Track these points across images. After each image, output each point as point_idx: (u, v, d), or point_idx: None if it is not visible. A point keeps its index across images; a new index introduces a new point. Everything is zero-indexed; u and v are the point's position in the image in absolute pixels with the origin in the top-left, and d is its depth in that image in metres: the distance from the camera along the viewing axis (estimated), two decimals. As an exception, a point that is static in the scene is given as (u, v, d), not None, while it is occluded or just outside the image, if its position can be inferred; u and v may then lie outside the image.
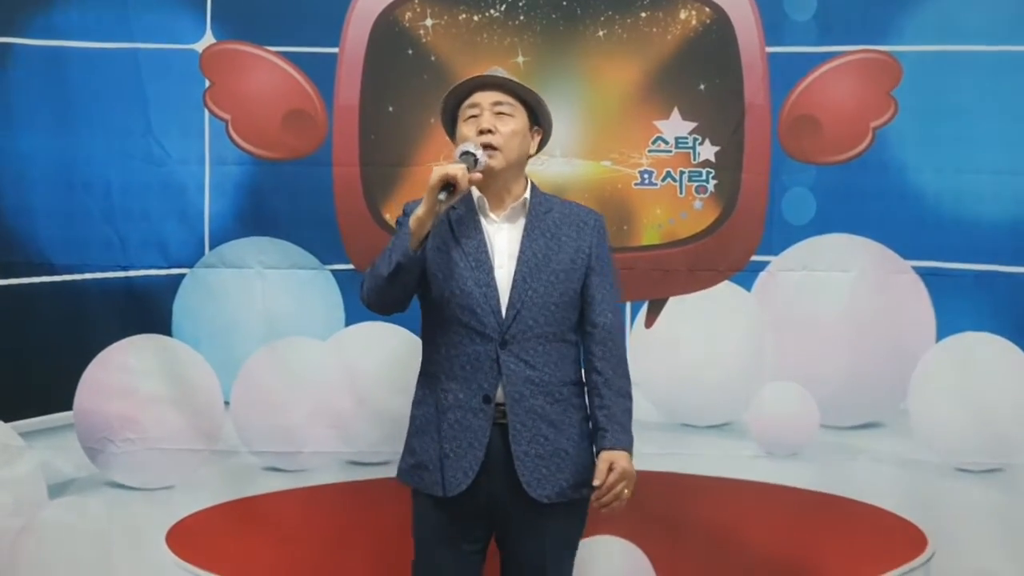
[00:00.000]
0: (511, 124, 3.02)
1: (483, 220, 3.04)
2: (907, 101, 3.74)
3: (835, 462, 3.76)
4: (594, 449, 3.00)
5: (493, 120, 3.00)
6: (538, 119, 3.11)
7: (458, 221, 3.02)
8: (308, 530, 3.75)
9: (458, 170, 2.86)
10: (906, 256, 3.75)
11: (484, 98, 3.03)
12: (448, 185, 2.86)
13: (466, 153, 2.93)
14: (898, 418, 3.77)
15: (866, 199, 3.74)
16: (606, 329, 3.04)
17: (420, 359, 3.08)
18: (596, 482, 2.89)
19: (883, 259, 3.75)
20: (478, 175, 2.93)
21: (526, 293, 2.97)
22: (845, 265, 3.75)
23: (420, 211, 2.88)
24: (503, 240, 3.02)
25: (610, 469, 2.90)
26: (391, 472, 3.13)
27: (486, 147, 2.97)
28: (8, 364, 3.76)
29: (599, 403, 3.00)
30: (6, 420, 3.76)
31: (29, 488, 3.75)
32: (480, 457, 2.92)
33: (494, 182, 3.03)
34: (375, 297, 2.99)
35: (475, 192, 3.05)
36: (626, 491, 2.93)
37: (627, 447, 2.97)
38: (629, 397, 3.05)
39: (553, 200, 3.13)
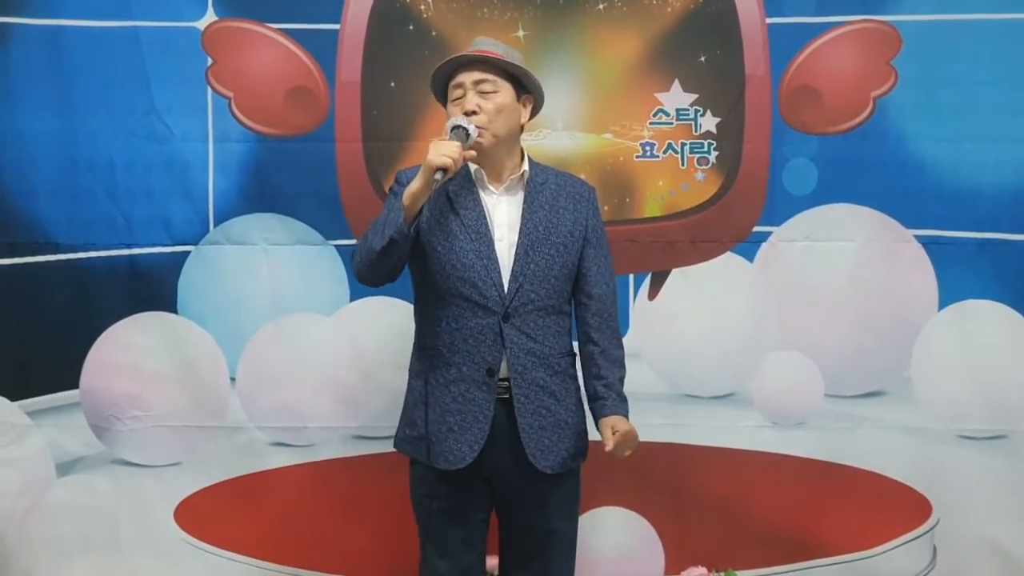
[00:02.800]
0: (495, 100, 3.00)
1: (481, 192, 3.04)
2: (907, 70, 3.75)
3: (839, 431, 3.78)
4: (593, 417, 3.04)
5: (477, 99, 2.99)
6: (526, 88, 3.10)
7: (456, 193, 3.02)
8: (315, 504, 3.78)
9: (454, 154, 2.85)
10: (908, 225, 3.76)
11: (466, 77, 3.02)
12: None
13: (457, 127, 2.93)
14: (901, 387, 3.79)
15: (867, 169, 3.75)
16: (601, 300, 3.06)
17: (415, 325, 3.08)
18: (608, 448, 2.91)
19: (885, 228, 3.76)
20: (472, 152, 2.93)
21: (528, 266, 2.97)
22: (847, 235, 3.76)
23: (415, 187, 2.88)
24: (502, 212, 3.03)
25: (613, 432, 2.93)
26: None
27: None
28: (14, 343, 3.78)
29: (596, 372, 3.04)
30: (13, 399, 3.78)
31: (37, 467, 3.77)
32: (486, 430, 2.94)
33: (488, 157, 3.03)
34: (367, 271, 2.98)
35: (472, 165, 3.04)
36: (627, 451, 2.95)
37: (624, 414, 3.00)
38: (622, 365, 3.08)
39: (548, 171, 3.13)
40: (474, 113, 2.97)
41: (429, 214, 2.98)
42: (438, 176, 2.85)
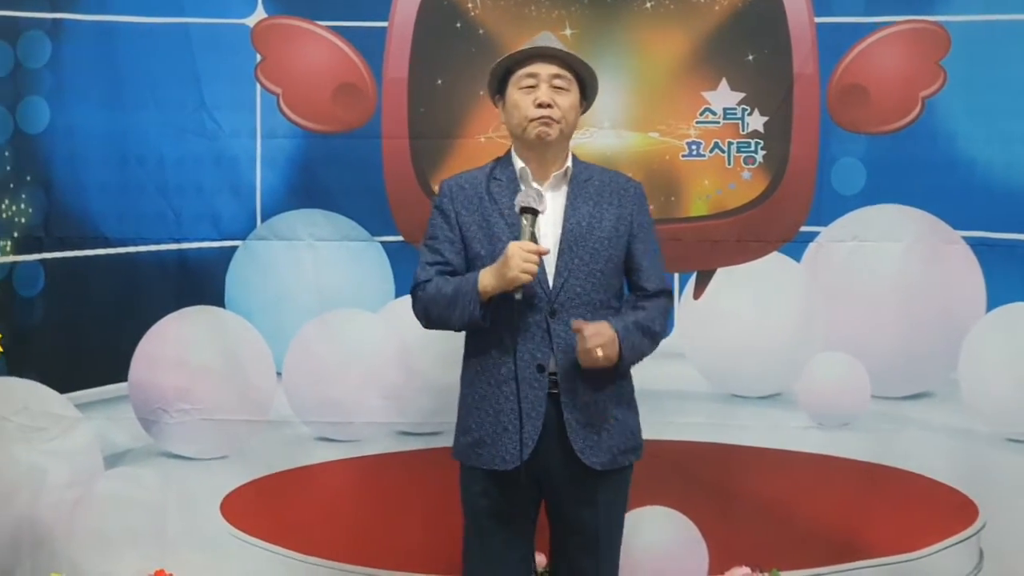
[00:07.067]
0: (568, 98, 3.02)
1: (526, 189, 3.02)
2: (956, 71, 3.73)
3: (886, 432, 3.76)
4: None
5: (551, 93, 3.00)
6: (586, 93, 3.11)
7: (499, 193, 3.02)
8: (359, 499, 3.80)
9: (533, 269, 2.84)
10: (956, 226, 3.74)
11: (543, 69, 3.02)
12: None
13: (527, 209, 2.90)
14: (949, 388, 3.76)
15: (916, 169, 3.73)
16: (655, 292, 3.06)
17: (465, 332, 3.07)
18: (574, 326, 2.89)
19: (933, 229, 3.74)
20: (546, 249, 2.91)
21: (572, 261, 2.97)
22: (895, 235, 3.75)
23: (490, 287, 2.89)
24: (547, 209, 3.03)
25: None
26: (441, 442, 3.16)
27: (543, 120, 2.97)
28: (64, 336, 3.82)
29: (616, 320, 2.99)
30: (62, 392, 3.81)
31: (85, 459, 3.81)
32: (539, 427, 2.93)
33: (543, 154, 3.04)
34: (434, 327, 3.05)
35: (518, 163, 3.05)
36: (599, 351, 2.87)
37: (619, 332, 2.92)
38: (652, 338, 3.02)
39: (593, 168, 3.13)
40: (549, 106, 2.98)
41: (472, 218, 3.01)
42: (518, 296, 2.87)
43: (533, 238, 2.88)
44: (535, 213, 2.89)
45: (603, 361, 2.88)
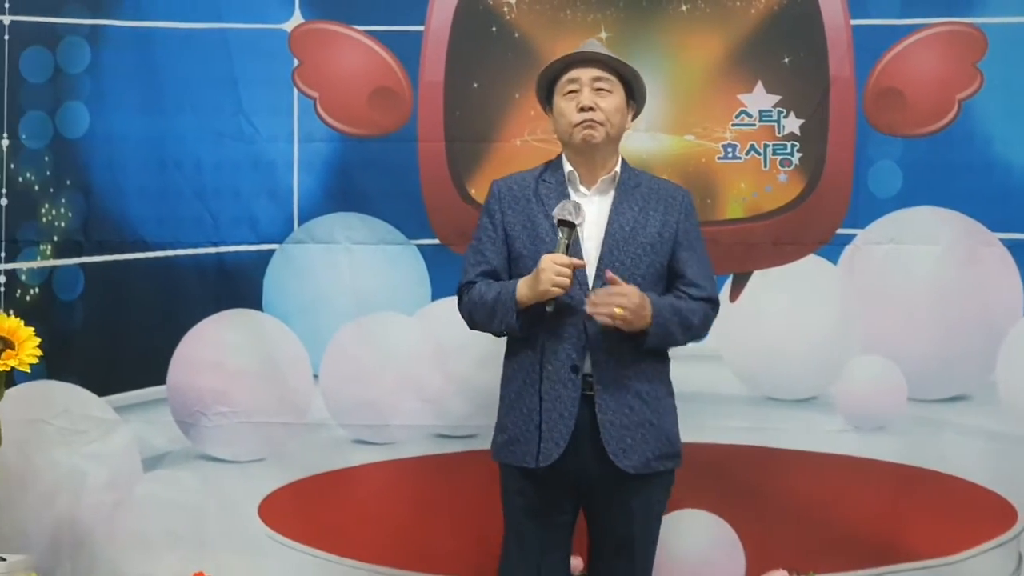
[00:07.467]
0: (611, 100, 3.04)
1: (573, 194, 3.05)
2: (993, 73, 3.72)
3: (923, 435, 3.74)
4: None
5: (594, 97, 3.02)
6: (633, 94, 3.12)
7: (547, 195, 3.03)
8: (396, 502, 3.80)
9: (566, 283, 2.85)
10: (993, 228, 3.73)
11: (584, 74, 3.04)
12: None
13: (563, 223, 2.90)
14: (986, 391, 3.74)
15: (953, 171, 3.72)
16: (699, 298, 3.06)
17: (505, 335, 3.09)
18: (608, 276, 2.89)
19: (970, 232, 3.72)
20: (582, 262, 2.93)
21: (613, 264, 2.97)
22: (932, 238, 3.73)
23: (525, 297, 2.91)
24: (592, 212, 3.03)
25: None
26: (479, 445, 3.17)
27: (586, 123, 2.99)
28: (103, 340, 3.85)
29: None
30: (101, 395, 3.84)
31: (124, 462, 3.83)
32: (571, 427, 2.93)
33: (591, 157, 3.05)
34: (481, 331, 3.08)
35: (567, 166, 3.07)
36: (618, 309, 2.86)
37: (655, 305, 2.93)
38: (685, 329, 3.02)
39: (642, 175, 3.15)
40: (591, 109, 2.99)
41: (518, 218, 3.03)
42: (549, 308, 2.88)
43: (567, 251, 2.88)
44: (572, 226, 2.90)
45: (617, 320, 2.86)
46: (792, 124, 3.75)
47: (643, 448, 2.97)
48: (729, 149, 3.78)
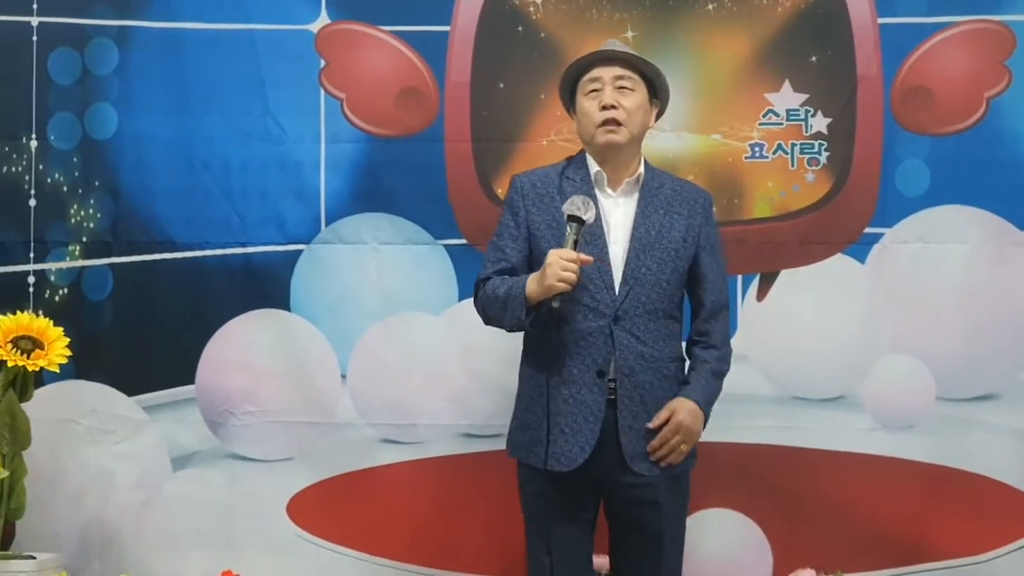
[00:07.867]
0: (633, 99, 3.04)
1: (599, 195, 3.05)
2: (1021, 70, 3.70)
3: (951, 434, 3.73)
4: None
5: (615, 95, 3.02)
6: (656, 92, 3.12)
7: (572, 191, 3.02)
8: (424, 501, 3.80)
9: (572, 279, 2.84)
10: (1022, 227, 3.71)
11: (606, 72, 3.04)
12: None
13: (573, 218, 2.89)
14: (1015, 390, 3.73)
15: (981, 170, 3.71)
16: (715, 308, 3.08)
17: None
18: (650, 425, 2.94)
19: (999, 230, 3.71)
20: (590, 258, 2.91)
21: (639, 270, 2.99)
22: (960, 237, 3.72)
23: (534, 292, 2.90)
24: (619, 215, 3.04)
25: (668, 421, 2.96)
26: (505, 444, 3.16)
27: (608, 125, 2.99)
28: (131, 340, 3.86)
29: (694, 377, 3.06)
30: (130, 394, 3.85)
31: (153, 461, 3.85)
32: (596, 432, 2.94)
33: (615, 157, 3.05)
34: (495, 326, 3.09)
35: (593, 166, 3.07)
36: (683, 446, 2.96)
37: (698, 401, 3.00)
38: (722, 377, 3.11)
39: (664, 176, 3.15)
40: (613, 107, 2.99)
41: (543, 218, 3.03)
42: (556, 304, 2.88)
43: (576, 246, 2.88)
44: (580, 223, 2.89)
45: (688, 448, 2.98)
46: (820, 123, 3.74)
47: None
48: (756, 148, 3.77)
